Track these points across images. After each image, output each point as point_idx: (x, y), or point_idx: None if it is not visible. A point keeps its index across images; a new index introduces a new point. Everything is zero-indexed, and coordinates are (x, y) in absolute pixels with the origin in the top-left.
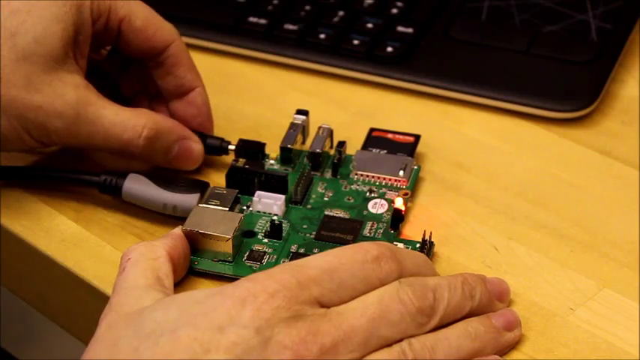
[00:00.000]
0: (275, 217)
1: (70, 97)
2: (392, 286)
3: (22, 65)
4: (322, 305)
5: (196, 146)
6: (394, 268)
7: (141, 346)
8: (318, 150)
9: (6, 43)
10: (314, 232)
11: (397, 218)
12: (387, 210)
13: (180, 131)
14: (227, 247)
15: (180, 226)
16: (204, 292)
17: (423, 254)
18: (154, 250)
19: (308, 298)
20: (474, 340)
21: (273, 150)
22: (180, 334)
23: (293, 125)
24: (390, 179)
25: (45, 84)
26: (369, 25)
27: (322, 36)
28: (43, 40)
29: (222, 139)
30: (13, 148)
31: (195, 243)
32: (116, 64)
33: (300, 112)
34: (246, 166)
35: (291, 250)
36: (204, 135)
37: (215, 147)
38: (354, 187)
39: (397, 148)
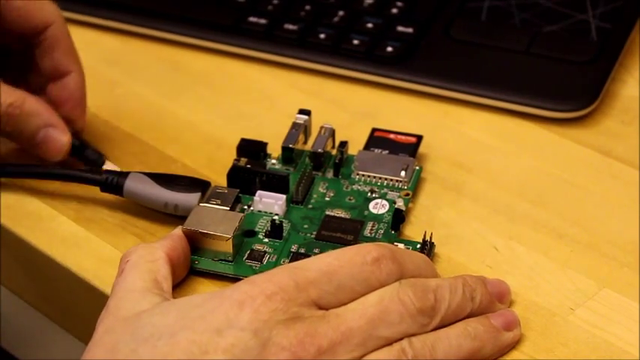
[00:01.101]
0: (276, 217)
1: None
2: (392, 287)
3: None
4: (321, 307)
5: (62, 137)
6: (394, 270)
7: (139, 349)
8: (320, 150)
9: None
10: (315, 232)
11: (398, 219)
12: (388, 210)
13: (48, 117)
14: (227, 247)
15: (181, 227)
16: (202, 296)
17: (423, 255)
18: (153, 252)
19: (306, 300)
20: (473, 339)
21: (274, 150)
22: (178, 337)
23: (295, 125)
24: (391, 180)
25: None
26: (369, 25)
27: (322, 36)
28: None
29: (99, 153)
30: None
31: (196, 242)
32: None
33: (302, 111)
34: (248, 166)
35: (292, 249)
36: (84, 145)
37: (90, 160)
38: (355, 187)
39: (399, 148)
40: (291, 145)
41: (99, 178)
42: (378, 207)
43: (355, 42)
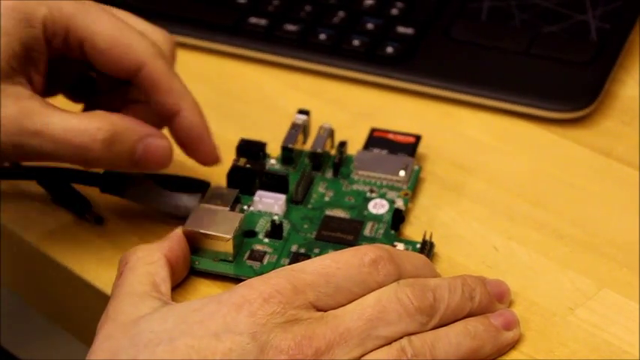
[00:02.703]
0: (276, 217)
1: (10, 110)
2: (390, 287)
3: None
4: (319, 309)
5: (162, 142)
6: (392, 272)
7: (139, 356)
8: (319, 150)
9: None
10: (314, 232)
11: (398, 218)
12: (388, 210)
13: (142, 129)
14: (228, 247)
15: (181, 227)
16: (200, 300)
17: (422, 255)
18: (151, 253)
19: (303, 302)
20: (473, 338)
21: (274, 150)
22: (177, 343)
23: (294, 125)
24: (390, 179)
25: None
26: (370, 26)
27: (322, 36)
28: None
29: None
30: None
31: (196, 243)
32: (108, 81)
33: (301, 111)
34: (247, 166)
35: (292, 249)
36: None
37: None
38: (354, 187)
39: (398, 148)
40: (290, 145)
41: (99, 179)
42: (378, 207)
43: (355, 42)
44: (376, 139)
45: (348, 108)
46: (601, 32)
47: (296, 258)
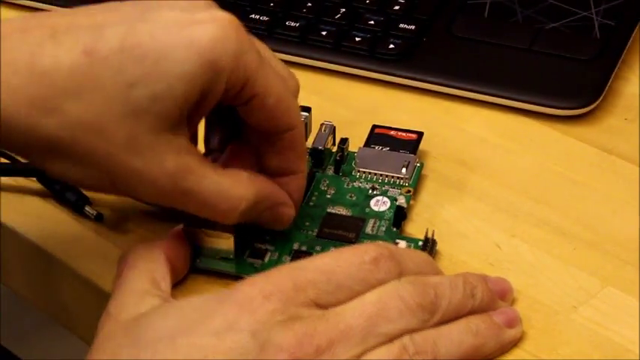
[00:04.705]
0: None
1: (170, 165)
2: (391, 284)
3: (129, 122)
4: (320, 307)
5: (289, 212)
6: (393, 270)
7: (140, 355)
8: (320, 147)
9: (121, 93)
10: (316, 230)
11: (400, 216)
12: (390, 207)
13: (278, 197)
14: (229, 245)
15: (182, 225)
16: (201, 298)
17: (425, 253)
18: (151, 251)
19: (304, 300)
20: (475, 335)
21: None
22: (178, 341)
23: None
24: (392, 176)
25: (147, 147)
26: (371, 23)
27: (324, 33)
28: (161, 100)
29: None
30: (90, 189)
31: (197, 241)
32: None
33: (302, 108)
34: None
35: (294, 247)
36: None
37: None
38: (356, 184)
39: (400, 145)
40: None
41: None
42: (380, 204)
43: (357, 39)
44: (378, 136)
45: (350, 105)
46: (604, 29)
47: (297, 256)
